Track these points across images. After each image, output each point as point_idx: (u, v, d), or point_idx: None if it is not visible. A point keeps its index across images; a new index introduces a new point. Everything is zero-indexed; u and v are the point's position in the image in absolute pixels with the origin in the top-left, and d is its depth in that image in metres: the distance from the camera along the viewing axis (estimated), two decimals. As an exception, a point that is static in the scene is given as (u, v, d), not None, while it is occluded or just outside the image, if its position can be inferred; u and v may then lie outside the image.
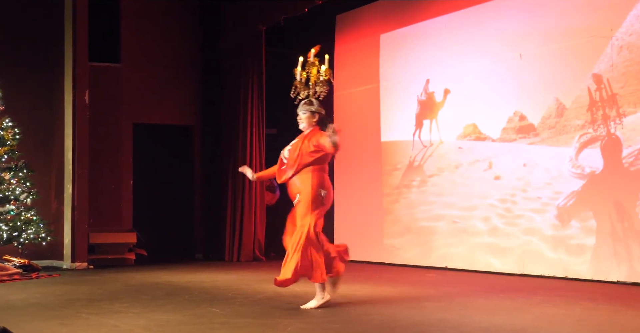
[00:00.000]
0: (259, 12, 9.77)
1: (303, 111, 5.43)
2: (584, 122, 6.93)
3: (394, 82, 9.18)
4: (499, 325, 4.46)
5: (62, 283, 7.22)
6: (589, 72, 6.90)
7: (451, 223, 8.26)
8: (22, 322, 4.66)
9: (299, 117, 5.45)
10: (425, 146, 8.73)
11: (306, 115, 5.42)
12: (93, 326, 4.57)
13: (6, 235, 8.32)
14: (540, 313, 4.95)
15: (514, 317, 4.78)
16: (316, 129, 5.39)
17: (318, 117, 5.42)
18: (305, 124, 5.43)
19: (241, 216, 9.95)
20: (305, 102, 5.49)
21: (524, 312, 5.00)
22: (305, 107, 5.43)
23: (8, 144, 8.55)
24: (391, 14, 9.23)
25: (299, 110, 5.45)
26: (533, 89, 7.44)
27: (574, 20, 7.09)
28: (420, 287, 6.57)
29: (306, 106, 5.44)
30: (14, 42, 9.53)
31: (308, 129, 5.42)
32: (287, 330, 4.31)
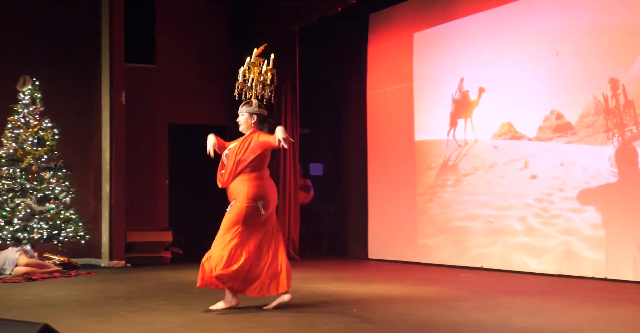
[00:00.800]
0: (292, 12, 9.79)
1: (242, 112, 5.28)
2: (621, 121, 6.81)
3: (427, 81, 9.12)
4: (537, 326, 4.40)
5: (100, 281, 7.33)
6: (627, 70, 6.78)
7: (486, 222, 8.18)
8: (61, 318, 4.74)
9: (238, 118, 5.30)
10: (460, 145, 8.66)
11: (244, 117, 5.27)
12: (130, 323, 4.63)
13: (46, 234, 8.47)
14: (580, 314, 4.88)
15: (552, 318, 4.72)
16: (255, 131, 5.23)
17: (257, 118, 5.26)
18: (244, 126, 5.27)
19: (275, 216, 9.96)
20: (244, 103, 5.32)
21: (562, 313, 4.93)
22: (243, 109, 5.28)
23: (48, 145, 8.71)
24: (425, 12, 9.18)
25: (239, 111, 5.30)
26: (570, 87, 7.34)
27: (612, 17, 6.97)
28: (456, 287, 6.52)
29: (245, 107, 5.28)
30: (53, 44, 9.69)
31: (247, 131, 5.26)
32: (323, 329, 4.32)
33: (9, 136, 8.60)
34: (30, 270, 7.71)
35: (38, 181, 8.55)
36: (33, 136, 8.64)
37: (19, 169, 8.50)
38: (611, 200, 6.88)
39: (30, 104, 8.76)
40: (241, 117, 5.28)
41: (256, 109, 5.27)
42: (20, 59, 9.38)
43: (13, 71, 9.03)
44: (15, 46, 9.46)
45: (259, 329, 4.38)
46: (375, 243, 9.75)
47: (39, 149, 8.63)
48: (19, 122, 8.66)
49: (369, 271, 8.49)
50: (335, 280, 7.07)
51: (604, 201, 6.94)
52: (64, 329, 3.89)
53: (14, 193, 8.44)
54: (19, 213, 8.36)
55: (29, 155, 8.55)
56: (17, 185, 8.46)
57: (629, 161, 6.74)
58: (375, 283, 6.79)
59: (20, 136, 8.61)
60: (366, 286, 6.53)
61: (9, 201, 8.41)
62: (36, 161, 8.59)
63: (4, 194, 8.43)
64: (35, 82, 8.82)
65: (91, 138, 9.76)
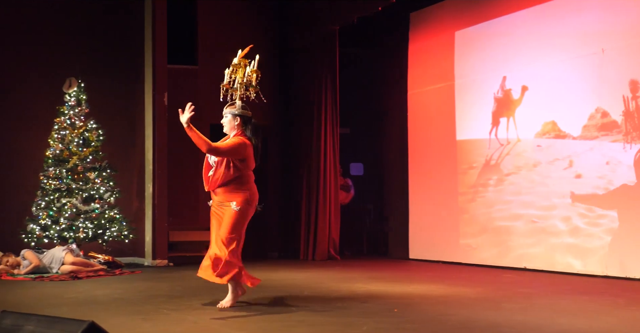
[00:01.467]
0: (332, 12, 9.81)
1: (226, 113, 5.24)
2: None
3: (469, 80, 9.04)
4: (582, 328, 4.33)
5: (144, 280, 7.44)
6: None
7: (529, 222, 8.07)
8: (106, 316, 4.83)
9: (222, 120, 5.27)
10: (502, 144, 8.56)
11: (228, 118, 5.23)
12: (173, 322, 4.69)
13: (91, 233, 8.63)
14: (626, 316, 4.78)
15: (597, 320, 4.64)
16: (239, 133, 5.19)
17: (241, 120, 5.21)
18: (228, 127, 5.24)
19: (316, 215, 10.01)
20: (228, 104, 5.27)
21: (608, 315, 4.84)
22: (227, 110, 5.24)
23: (93, 145, 8.87)
24: (466, 10, 9.10)
25: (223, 112, 5.27)
26: (616, 85, 7.19)
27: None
28: (498, 288, 6.45)
29: (229, 108, 5.24)
30: (97, 46, 9.86)
31: (231, 132, 5.23)
32: (362, 329, 4.31)
33: (55, 137, 8.79)
34: (76, 269, 7.86)
35: (83, 181, 8.72)
36: (79, 137, 8.81)
37: (65, 170, 8.67)
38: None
39: (75, 105, 8.93)
40: (225, 119, 5.24)
41: (240, 111, 5.22)
42: (66, 61, 9.56)
43: (59, 73, 9.22)
44: (61, 48, 9.65)
45: (298, 328, 4.39)
46: (416, 243, 9.70)
47: (84, 150, 8.80)
48: (65, 124, 8.84)
49: (409, 271, 8.45)
50: (375, 280, 7.06)
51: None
52: (109, 327, 3.95)
53: (60, 193, 8.62)
54: (65, 212, 8.53)
55: (75, 156, 8.72)
56: (64, 185, 8.64)
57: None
58: (416, 284, 6.76)
59: (67, 137, 8.78)
60: (407, 287, 6.50)
61: (55, 201, 8.60)
62: (82, 162, 8.76)
63: (51, 194, 8.62)
64: (81, 84, 8.99)
65: (134, 139, 9.91)
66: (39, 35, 9.59)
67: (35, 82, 9.46)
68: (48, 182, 8.64)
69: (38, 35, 9.59)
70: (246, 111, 5.26)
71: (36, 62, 9.52)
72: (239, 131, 5.21)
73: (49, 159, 8.72)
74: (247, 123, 5.24)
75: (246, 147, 5.15)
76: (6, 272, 7.83)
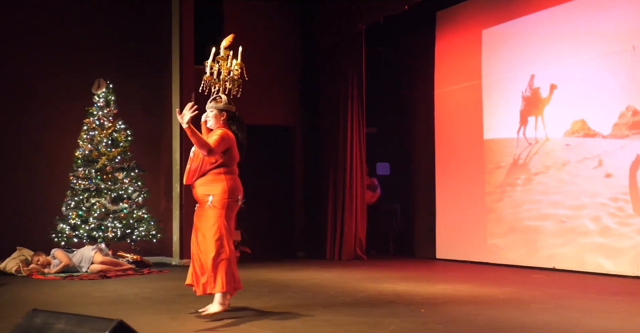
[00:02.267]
0: (358, 11, 9.79)
1: (210, 108, 5.06)
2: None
3: (496, 79, 8.97)
4: (612, 329, 4.27)
5: (172, 279, 7.49)
6: None
7: (558, 222, 7.98)
8: (134, 315, 4.87)
9: (207, 115, 5.08)
10: (531, 143, 8.48)
11: (213, 113, 5.05)
12: (201, 321, 4.71)
13: (120, 232, 8.72)
14: (657, 317, 4.71)
15: (628, 321, 4.57)
16: (222, 127, 5.03)
17: (226, 115, 5.07)
18: (213, 121, 5.06)
19: (342, 215, 10.00)
20: (212, 98, 5.10)
21: (638, 316, 4.77)
22: (212, 105, 5.06)
23: (121, 146, 8.97)
24: (493, 8, 9.03)
25: (206, 107, 5.07)
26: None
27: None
28: (526, 288, 6.39)
29: (213, 103, 5.07)
30: (125, 47, 9.97)
31: (215, 127, 5.05)
32: (389, 329, 4.30)
33: (84, 138, 8.89)
34: (105, 268, 7.95)
35: (112, 182, 8.81)
36: (107, 137, 8.90)
37: (94, 170, 8.77)
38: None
39: (104, 106, 9.03)
40: (210, 114, 5.07)
41: (225, 106, 5.08)
42: (95, 62, 9.69)
43: (88, 75, 9.33)
44: (89, 50, 9.77)
45: (325, 328, 4.40)
46: (443, 242, 9.65)
47: (112, 150, 8.89)
48: (94, 124, 8.94)
49: (436, 271, 8.41)
50: (402, 280, 7.03)
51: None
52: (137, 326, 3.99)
53: (90, 192, 8.73)
54: (94, 212, 8.63)
55: (104, 156, 8.82)
56: (93, 185, 8.74)
57: None
58: (443, 284, 6.72)
59: (95, 137, 8.88)
60: (434, 287, 6.47)
61: (84, 201, 8.70)
62: (110, 162, 8.86)
63: (80, 194, 8.73)
64: (109, 85, 9.09)
65: (162, 139, 9.99)
66: (67, 36, 9.71)
67: (65, 83, 9.59)
68: (77, 182, 8.75)
69: (67, 36, 9.71)
70: (231, 106, 5.12)
71: (65, 63, 9.65)
72: (224, 125, 5.06)
73: (78, 160, 8.83)
74: (232, 118, 5.10)
75: (229, 138, 4.98)
76: (37, 271, 7.95)
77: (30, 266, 8.03)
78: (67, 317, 2.98)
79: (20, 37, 9.53)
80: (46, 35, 9.63)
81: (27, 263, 8.11)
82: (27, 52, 9.52)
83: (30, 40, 9.56)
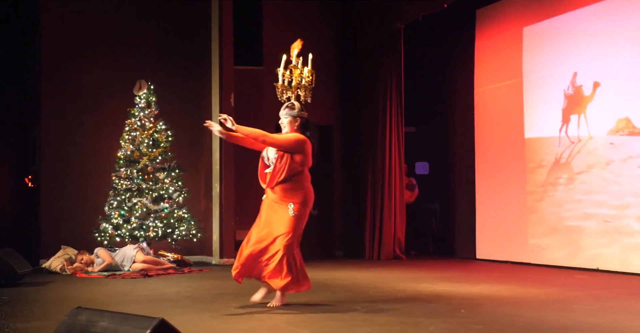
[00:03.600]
0: (396, 10, 9.75)
1: (285, 115, 5.30)
2: None
3: (538, 76, 8.84)
4: (657, 331, 4.19)
5: (212, 278, 7.56)
6: None
7: (602, 222, 7.84)
8: (176, 314, 4.93)
9: (281, 121, 5.32)
10: (573, 142, 8.34)
11: (288, 119, 5.29)
12: (241, 320, 4.75)
13: (161, 232, 8.83)
14: None
15: (673, 324, 4.47)
16: (298, 133, 5.27)
17: (300, 121, 5.28)
18: (288, 128, 5.29)
19: (381, 215, 9.97)
20: (287, 105, 5.33)
21: (685, 319, 4.67)
22: (287, 111, 5.29)
23: (162, 146, 9.08)
24: (534, 5, 8.90)
25: (280, 114, 5.32)
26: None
27: None
28: (569, 289, 6.29)
29: (288, 109, 5.29)
30: (165, 48, 10.09)
31: (290, 133, 5.27)
32: (429, 329, 4.28)
33: (126, 139, 9.02)
34: (146, 267, 8.06)
35: (153, 181, 8.93)
36: (148, 138, 9.02)
37: (135, 170, 8.90)
38: None
39: (145, 107, 9.15)
40: (284, 120, 5.30)
41: (299, 112, 5.30)
42: (136, 64, 9.83)
43: (130, 76, 9.47)
44: (131, 51, 9.92)
45: (364, 327, 4.39)
46: (483, 242, 9.55)
47: (154, 150, 9.01)
48: (136, 125, 9.06)
49: (477, 271, 8.33)
50: (442, 280, 6.99)
51: None
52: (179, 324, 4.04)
53: (131, 192, 8.85)
54: (136, 212, 8.76)
55: (145, 156, 8.94)
56: (134, 185, 8.87)
57: None
58: (484, 284, 6.66)
59: (137, 138, 9.01)
60: (474, 287, 6.41)
61: (126, 200, 8.83)
62: (151, 162, 8.97)
63: (122, 194, 8.86)
64: (151, 86, 9.21)
65: (202, 139, 10.08)
66: (110, 39, 9.88)
67: (106, 84, 9.75)
68: (120, 182, 8.88)
69: (109, 39, 9.87)
70: (304, 113, 5.34)
71: (107, 65, 9.81)
72: (298, 131, 5.30)
73: (120, 160, 8.97)
74: (305, 124, 5.32)
75: (305, 143, 5.21)
76: (80, 270, 8.10)
77: (74, 265, 8.19)
78: (111, 314, 3.03)
79: (64, 40, 9.73)
80: (89, 38, 9.80)
81: (71, 261, 8.27)
82: (72, 56, 9.72)
83: (74, 42, 9.75)
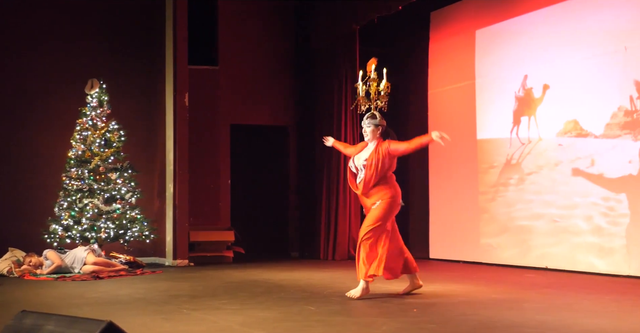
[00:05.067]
0: (352, 11, 9.79)
1: (367, 124, 5.84)
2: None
3: (490, 79, 8.98)
4: (604, 328, 4.28)
5: (165, 280, 7.48)
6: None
7: (551, 222, 8.00)
8: (127, 316, 4.86)
9: (364, 130, 5.86)
10: (523, 143, 8.50)
11: (371, 128, 5.83)
12: (194, 322, 4.71)
13: (113, 233, 8.70)
14: (649, 317, 4.72)
15: (620, 320, 4.58)
16: (380, 140, 5.82)
17: (382, 129, 5.84)
18: (371, 136, 5.85)
19: (336, 215, 10.00)
20: (368, 115, 5.88)
21: (630, 315, 4.79)
22: (369, 121, 5.84)
23: (114, 146, 8.94)
24: (487, 9, 9.04)
25: (363, 123, 5.87)
26: (639, 82, 7.09)
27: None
28: (519, 288, 6.40)
29: (370, 119, 5.85)
30: (118, 47, 9.95)
31: (372, 141, 5.84)
32: (382, 329, 4.30)
33: (77, 138, 8.87)
34: (97, 269, 7.93)
35: (105, 182, 8.79)
36: (100, 138, 8.88)
37: (87, 171, 8.75)
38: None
39: (97, 106, 9.00)
40: (367, 129, 5.84)
41: (380, 121, 5.85)
42: (88, 62, 9.67)
43: (81, 74, 9.31)
44: (82, 49, 9.75)
45: (319, 328, 4.39)
46: (436, 242, 9.66)
47: (106, 150, 8.87)
48: (87, 125, 8.92)
49: (430, 271, 8.40)
50: (396, 280, 7.02)
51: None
52: (130, 326, 3.98)
53: (83, 193, 8.70)
54: (87, 213, 8.61)
55: (97, 156, 8.80)
56: (85, 186, 8.72)
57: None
58: (437, 283, 6.73)
59: (88, 138, 8.86)
60: (427, 287, 6.46)
61: (77, 201, 8.68)
62: (103, 163, 8.83)
63: (73, 194, 8.70)
64: (103, 85, 9.07)
65: (155, 139, 9.98)
66: (60, 37, 9.69)
67: (58, 83, 9.57)
68: (70, 183, 8.72)
69: (60, 37, 9.69)
70: (384, 121, 5.89)
71: (58, 63, 9.63)
72: (380, 138, 5.82)
73: (71, 160, 8.81)
74: (386, 132, 5.87)
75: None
76: (29, 272, 7.92)
77: (22, 267, 8.00)
78: (57, 318, 2.97)
79: (13, 37, 9.51)
80: (38, 36, 9.60)
81: (19, 264, 8.08)
82: (19, 52, 9.50)
83: (23, 40, 9.54)
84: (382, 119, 5.86)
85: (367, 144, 5.89)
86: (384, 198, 5.75)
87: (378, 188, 5.77)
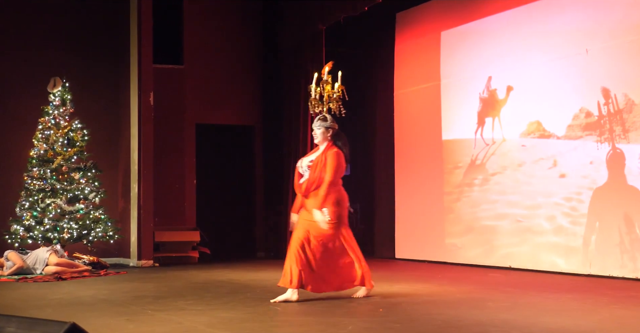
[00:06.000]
0: (318, 11, 9.79)
1: (318, 126, 5.75)
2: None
3: (455, 80, 9.07)
4: (565, 326, 4.35)
5: (129, 281, 7.40)
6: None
7: (515, 222, 8.11)
8: (91, 317, 4.80)
9: (314, 132, 5.77)
10: (488, 144, 8.60)
11: (321, 130, 5.73)
12: (158, 322, 4.67)
13: (76, 233, 8.58)
14: (609, 314, 4.81)
15: (580, 318, 4.66)
16: (330, 143, 5.71)
17: (332, 132, 5.72)
18: (321, 138, 5.74)
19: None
20: (319, 117, 5.79)
21: (591, 313, 4.87)
22: (319, 123, 5.75)
23: (77, 145, 8.83)
24: (452, 10, 9.13)
25: (314, 125, 5.79)
26: (600, 84, 7.23)
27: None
28: (483, 287, 6.47)
29: (321, 121, 5.75)
30: (82, 46, 9.82)
31: (323, 143, 5.73)
32: (348, 328, 4.31)
33: (39, 137, 8.74)
34: (60, 270, 7.81)
35: (68, 182, 8.68)
36: (63, 137, 8.76)
37: (49, 170, 8.62)
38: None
39: (60, 105, 8.88)
40: (317, 131, 5.74)
41: (331, 124, 5.75)
42: (50, 60, 9.52)
43: (44, 72, 9.17)
44: (44, 47, 9.60)
45: (285, 328, 4.39)
46: (402, 242, 9.72)
47: (69, 150, 8.75)
48: (50, 124, 8.79)
49: (395, 270, 8.46)
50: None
51: (635, 201, 6.83)
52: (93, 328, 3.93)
53: (45, 193, 8.57)
54: (50, 213, 8.48)
55: (59, 156, 8.68)
56: (48, 186, 8.59)
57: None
58: (402, 283, 6.77)
59: (51, 137, 8.73)
60: (393, 286, 6.51)
61: (39, 201, 8.55)
62: (66, 162, 8.71)
63: (35, 194, 8.57)
64: (65, 84, 8.94)
65: (120, 139, 9.87)
66: (23, 35, 9.53)
67: (20, 82, 9.41)
68: (32, 182, 8.59)
69: (22, 35, 9.53)
70: (335, 124, 5.79)
71: (19, 60, 9.47)
72: (330, 141, 5.71)
73: (33, 160, 8.67)
74: (337, 135, 5.76)
75: (340, 156, 5.66)
76: (-10, 273, 7.77)
77: (-18, 268, 7.85)
78: (19, 320, 2.91)
79: (-27, 34, 9.33)
80: (1, 34, 9.42)
81: (-21, 265, 7.93)
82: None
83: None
84: (333, 121, 5.76)
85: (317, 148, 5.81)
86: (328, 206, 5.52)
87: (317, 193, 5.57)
